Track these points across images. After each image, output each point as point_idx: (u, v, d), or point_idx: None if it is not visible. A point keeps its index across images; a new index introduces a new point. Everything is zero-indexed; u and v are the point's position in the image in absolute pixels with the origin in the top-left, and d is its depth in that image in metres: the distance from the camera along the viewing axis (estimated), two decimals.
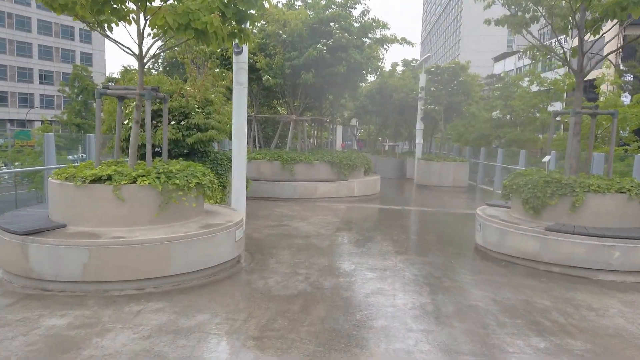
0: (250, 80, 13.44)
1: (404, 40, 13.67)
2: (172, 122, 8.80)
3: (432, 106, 18.17)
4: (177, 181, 5.45)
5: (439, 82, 18.07)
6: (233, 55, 7.97)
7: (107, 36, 5.86)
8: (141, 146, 8.59)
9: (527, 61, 55.40)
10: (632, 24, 36.46)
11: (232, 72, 7.96)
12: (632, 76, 25.56)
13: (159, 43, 12.19)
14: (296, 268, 5.90)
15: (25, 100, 64.17)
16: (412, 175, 19.85)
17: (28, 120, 59.80)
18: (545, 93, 24.27)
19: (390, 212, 11.06)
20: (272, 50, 12.80)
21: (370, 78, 17.97)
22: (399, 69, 24.96)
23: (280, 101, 14.85)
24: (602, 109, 19.86)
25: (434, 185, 17.34)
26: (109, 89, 5.89)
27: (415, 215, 10.81)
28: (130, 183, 5.28)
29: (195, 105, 8.99)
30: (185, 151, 9.09)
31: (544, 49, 8.26)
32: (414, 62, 28.10)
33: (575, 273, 6.03)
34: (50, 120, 39.43)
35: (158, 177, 5.39)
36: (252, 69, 13.11)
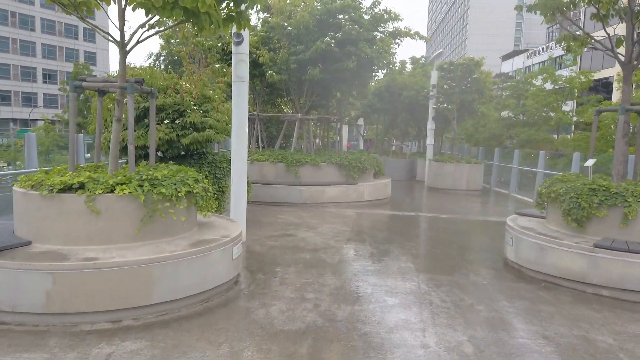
0: (252, 76, 12.59)
1: (417, 35, 12.78)
2: (166, 121, 7.96)
3: (445, 104, 17.26)
4: (164, 190, 4.61)
5: (452, 79, 17.16)
6: (233, 46, 7.14)
7: (86, 21, 5.03)
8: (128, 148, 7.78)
9: (536, 59, 54.36)
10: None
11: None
12: None
13: (150, 31, 11.35)
14: (303, 291, 5.04)
15: (28, 100, 63.68)
16: (423, 177, 18.96)
17: (31, 120, 59.29)
18: (560, 91, 23.33)
19: (404, 220, 10.18)
20: (276, 44, 11.94)
21: (381, 74, 17.10)
22: (408, 67, 24.11)
23: (285, 99, 14.02)
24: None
25: (446, 189, 16.43)
26: (85, 80, 5.05)
27: (431, 223, 9.93)
28: (107, 192, 4.44)
29: (192, 103, 8.15)
30: (180, 152, 8.25)
31: (583, 38, 7.33)
32: (422, 59, 27.19)
33: (630, 297, 5.14)
34: (51, 120, 38.80)
35: (140, 185, 4.55)
36: (255, 64, 12.28)
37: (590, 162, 6.21)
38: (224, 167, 8.52)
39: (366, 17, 11.98)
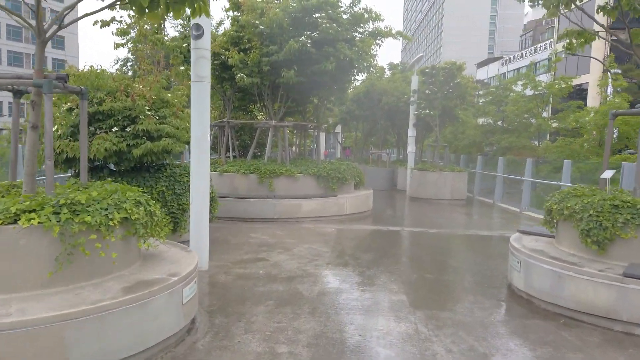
0: (222, 79, 11.54)
1: (400, 34, 11.94)
2: (115, 129, 6.85)
3: (427, 110, 16.51)
4: (89, 218, 3.52)
5: (434, 83, 16.42)
6: (191, 40, 6.10)
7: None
8: (72, 160, 6.63)
9: (511, 66, 54.76)
10: (617, 28, 35.63)
11: None
12: (630, 79, 24.41)
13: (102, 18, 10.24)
14: (274, 342, 4.00)
15: None
16: (404, 186, 18.14)
17: None
18: (539, 97, 22.94)
19: (389, 236, 9.24)
20: (247, 44, 10.92)
21: (361, 78, 16.25)
22: (387, 73, 23.40)
23: (258, 105, 13.00)
24: (603, 113, 18.52)
25: (429, 198, 15.62)
26: None
27: (419, 239, 9.00)
28: (9, 223, 3.33)
29: (146, 107, 7.05)
30: (134, 165, 7.13)
31: (587, 35, 6.54)
32: (400, 65, 26.57)
33: None
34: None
35: (57, 213, 3.45)
36: (224, 67, 11.23)
37: (608, 174, 5.37)
38: (186, 182, 7.43)
39: (345, 16, 11.08)
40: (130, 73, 20.71)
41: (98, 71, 6.99)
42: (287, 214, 10.41)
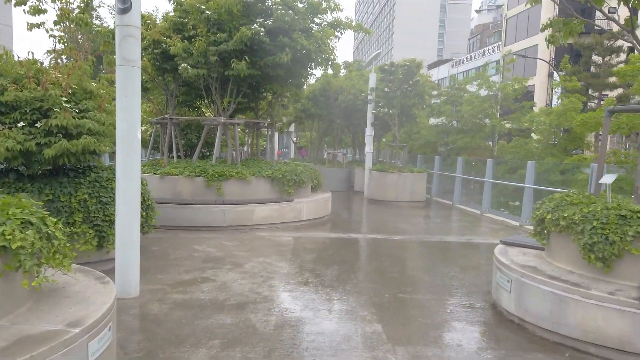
0: (164, 71, 10.29)
1: (360, 27, 11.15)
2: (21, 124, 5.55)
3: (386, 109, 15.84)
4: None
5: (393, 81, 15.80)
6: (116, 15, 4.95)
7: None
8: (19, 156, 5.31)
9: (461, 68, 55.82)
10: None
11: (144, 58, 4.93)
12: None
13: None
14: None
15: None
16: (361, 187, 17.44)
17: None
18: (494, 98, 22.98)
19: (352, 245, 8.38)
20: (191, 31, 9.73)
21: (320, 73, 15.33)
22: (342, 71, 22.66)
23: (206, 100, 11.80)
24: (559, 114, 18.64)
25: (389, 201, 14.97)
26: None
27: (385, 248, 8.19)
28: None
29: (63, 98, 5.78)
30: (49, 168, 5.86)
31: (573, 25, 5.91)
32: (356, 63, 25.97)
33: None
34: None
35: None
36: (166, 57, 9.99)
37: (609, 178, 4.72)
38: (114, 188, 6.19)
39: (300, 4, 10.13)
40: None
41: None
42: (239, 221, 9.32)
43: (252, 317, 4.57)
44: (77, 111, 5.87)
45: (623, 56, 24.71)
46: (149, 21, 10.28)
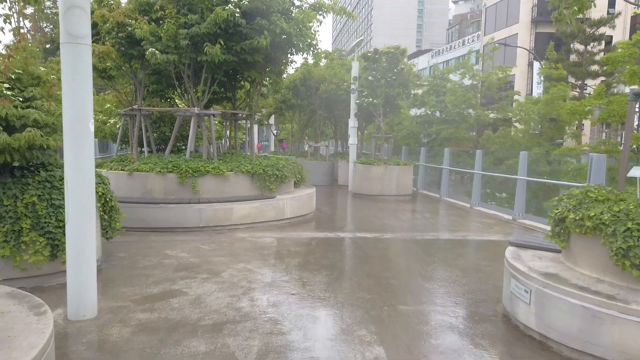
0: (130, 57, 9.39)
1: (343, 10, 10.41)
2: None
3: (370, 99, 15.17)
4: None
5: (377, 70, 15.11)
6: None
7: None
8: None
9: (440, 58, 55.53)
10: (541, 22, 36.53)
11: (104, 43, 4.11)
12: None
13: None
14: None
15: None
16: (345, 181, 16.79)
17: None
18: (477, 87, 22.58)
19: (340, 247, 7.71)
20: (159, 12, 8.84)
21: (300, 59, 14.54)
22: (323, 61, 21.87)
23: (180, 90, 10.91)
24: (546, 102, 18.28)
25: (375, 195, 14.35)
26: None
27: (376, 249, 7.54)
28: None
29: (4, 85, 4.92)
30: None
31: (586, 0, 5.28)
32: (337, 52, 25.22)
33: None
34: None
35: None
36: (132, 41, 9.08)
37: (638, 171, 4.12)
38: None
39: None
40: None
41: None
42: (216, 221, 8.55)
43: (231, 343, 3.85)
44: (21, 100, 5.01)
45: (602, 46, 24.60)
46: (111, 1, 9.33)
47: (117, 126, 11.88)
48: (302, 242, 7.74)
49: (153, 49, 8.40)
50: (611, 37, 26.42)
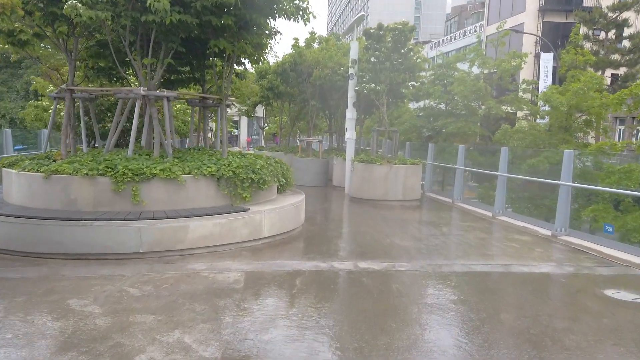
0: (52, 17, 6.89)
1: None
2: None
3: (372, 85, 12.74)
4: None
5: (380, 50, 12.70)
6: None
7: None
8: None
9: (440, 50, 53.12)
10: (550, 10, 34.09)
11: None
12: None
13: None
14: None
15: None
16: (341, 182, 14.42)
17: None
18: (488, 76, 20.17)
19: (338, 290, 5.32)
20: None
21: (285, 25, 12.00)
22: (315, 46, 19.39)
23: (126, 71, 8.41)
24: (576, 93, 15.92)
25: (377, 200, 11.99)
26: None
27: (392, 295, 5.14)
28: None
29: None
30: None
31: None
32: (333, 36, 22.72)
33: None
34: None
35: None
36: None
37: None
38: None
39: None
40: None
41: None
42: (164, 244, 6.13)
43: None
44: None
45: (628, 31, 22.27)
46: None
47: (48, 112, 9.35)
48: (281, 281, 5.33)
49: (74, 1, 5.91)
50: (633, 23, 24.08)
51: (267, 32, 8.01)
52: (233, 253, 6.40)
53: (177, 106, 16.93)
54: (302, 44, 16.82)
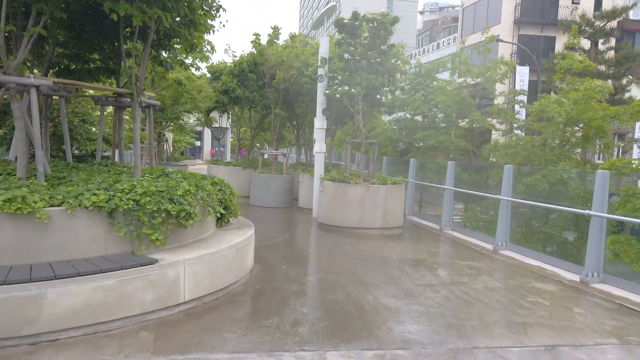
0: None
1: None
2: None
3: (345, 87, 10.51)
4: None
5: (356, 46, 10.53)
6: None
7: None
8: None
9: (413, 62, 51.99)
10: (525, 23, 33.00)
11: None
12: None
13: None
14: None
15: None
16: (309, 203, 12.11)
17: None
18: (473, 86, 18.36)
19: None
20: None
21: (247, 22, 9.67)
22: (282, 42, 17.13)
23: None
24: (576, 102, 14.12)
25: (351, 228, 9.73)
26: None
27: None
28: None
29: None
30: None
31: None
32: (301, 37, 20.50)
33: None
34: None
35: None
36: None
37: None
38: None
39: None
40: None
41: None
42: (1, 330, 3.61)
43: None
44: None
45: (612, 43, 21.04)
46: None
47: None
48: None
49: None
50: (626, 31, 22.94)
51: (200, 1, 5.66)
52: (124, 335, 3.93)
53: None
54: (264, 42, 14.54)
